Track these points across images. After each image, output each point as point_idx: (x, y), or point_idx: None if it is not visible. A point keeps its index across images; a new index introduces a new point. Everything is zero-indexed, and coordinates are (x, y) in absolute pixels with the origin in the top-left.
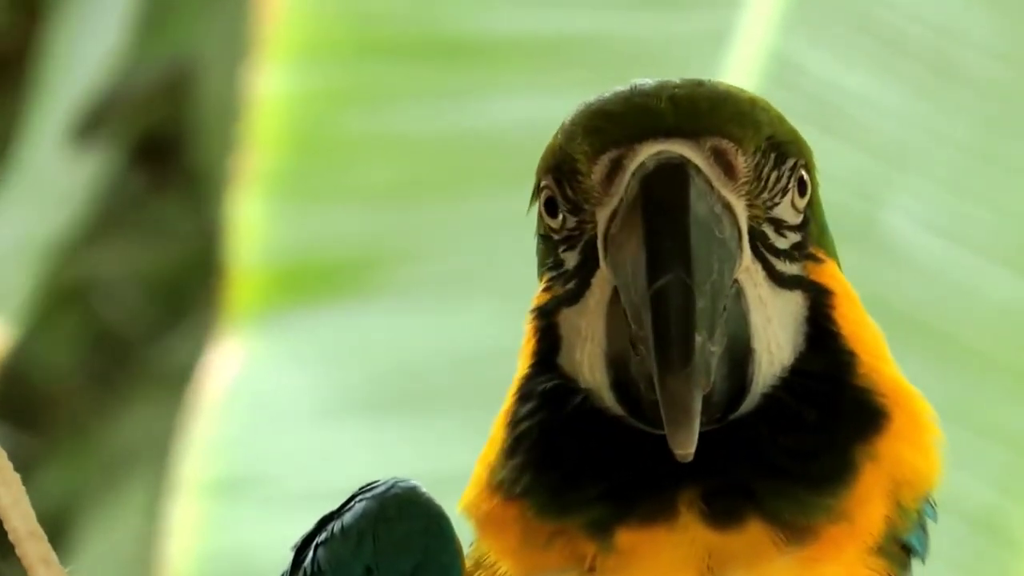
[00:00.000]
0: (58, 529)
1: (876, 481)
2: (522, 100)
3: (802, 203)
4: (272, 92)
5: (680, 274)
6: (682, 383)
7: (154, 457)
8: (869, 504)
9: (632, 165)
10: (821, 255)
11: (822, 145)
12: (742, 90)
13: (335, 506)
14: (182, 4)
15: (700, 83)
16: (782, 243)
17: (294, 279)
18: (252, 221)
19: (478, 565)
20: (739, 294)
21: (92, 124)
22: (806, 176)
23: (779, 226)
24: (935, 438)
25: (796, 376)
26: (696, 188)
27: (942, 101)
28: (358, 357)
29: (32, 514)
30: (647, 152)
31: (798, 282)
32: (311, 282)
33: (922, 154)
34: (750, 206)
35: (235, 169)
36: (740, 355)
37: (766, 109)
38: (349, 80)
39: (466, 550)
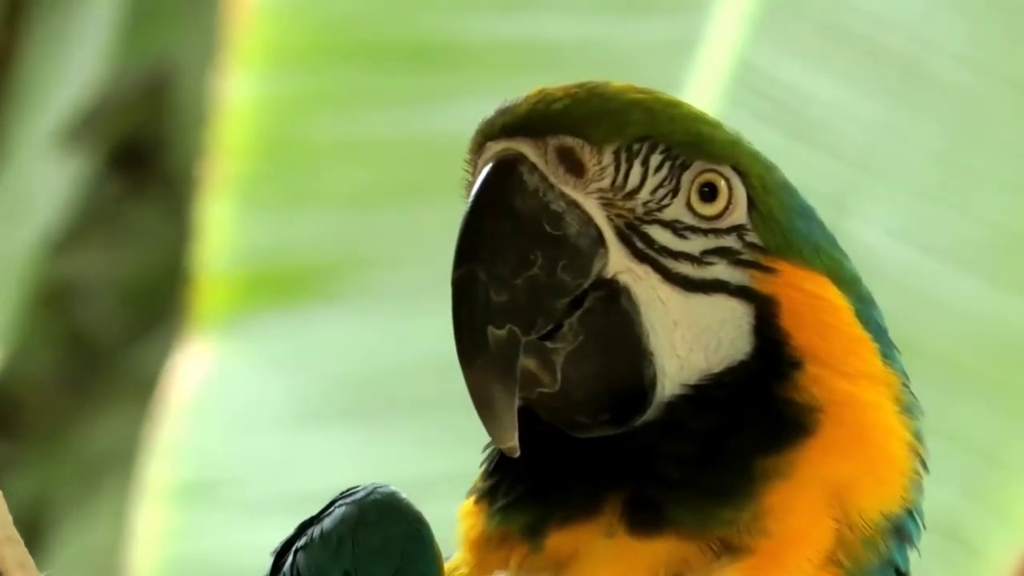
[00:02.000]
0: (32, 533)
1: (795, 495)
2: (489, 105)
3: (709, 208)
4: (240, 97)
5: (474, 266)
6: (478, 375)
7: (128, 461)
8: (792, 518)
9: (480, 163)
10: (777, 264)
11: (791, 151)
12: (631, 90)
13: (300, 511)
14: (162, 10)
15: (583, 84)
16: (685, 246)
17: (262, 284)
18: (220, 226)
19: (458, 565)
20: (619, 294)
21: (72, 129)
22: (731, 180)
23: (677, 229)
24: (889, 457)
25: (713, 384)
26: (521, 184)
27: (911, 108)
28: (325, 362)
29: (9, 519)
30: (492, 150)
31: (721, 287)
32: (278, 287)
33: (891, 161)
34: (607, 205)
35: (204, 174)
36: (629, 357)
37: (654, 110)
38: (316, 86)
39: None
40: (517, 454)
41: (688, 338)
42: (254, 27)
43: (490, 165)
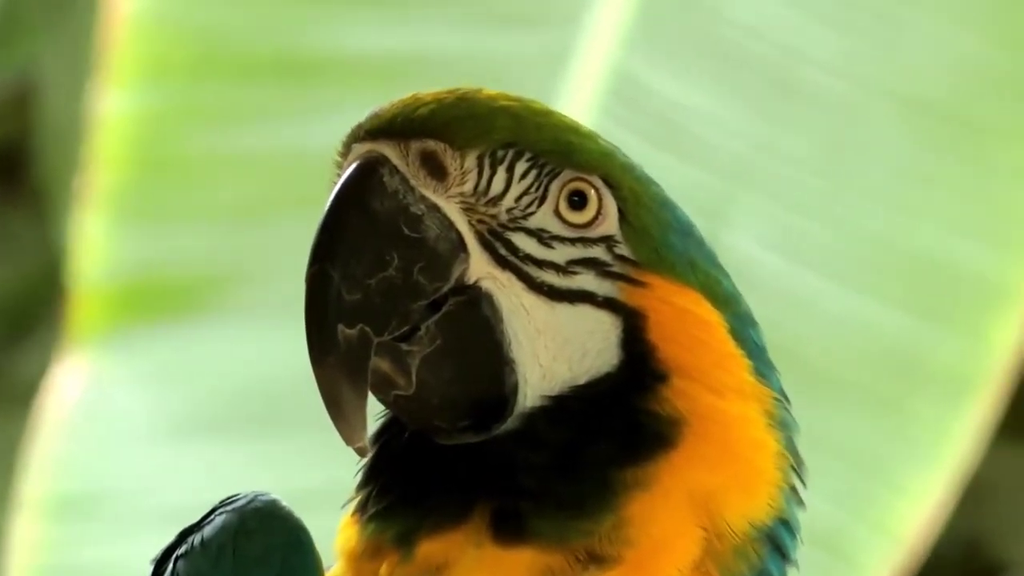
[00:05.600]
0: None
1: (657, 506)
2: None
3: (578, 216)
4: (115, 111)
5: (326, 265)
6: (327, 374)
7: (5, 472)
8: (655, 528)
9: (344, 165)
10: (648, 278)
11: (663, 162)
12: (501, 97)
13: (175, 525)
14: (31, 21)
15: (454, 90)
16: (550, 255)
17: (138, 298)
18: (96, 239)
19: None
20: (480, 300)
21: None
22: (601, 191)
23: (543, 237)
24: (755, 469)
25: (574, 395)
26: (381, 185)
27: (784, 119)
28: (201, 376)
29: None
30: (357, 152)
31: (587, 298)
32: (155, 301)
33: (762, 171)
34: (469, 210)
35: (79, 187)
36: (489, 364)
37: (522, 118)
38: (191, 99)
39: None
40: (367, 455)
41: (552, 348)
42: (128, 40)
43: (352, 166)
